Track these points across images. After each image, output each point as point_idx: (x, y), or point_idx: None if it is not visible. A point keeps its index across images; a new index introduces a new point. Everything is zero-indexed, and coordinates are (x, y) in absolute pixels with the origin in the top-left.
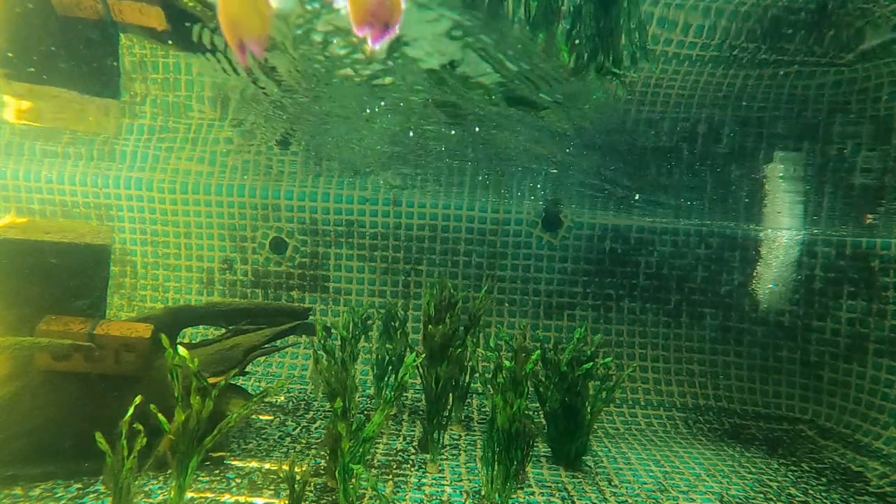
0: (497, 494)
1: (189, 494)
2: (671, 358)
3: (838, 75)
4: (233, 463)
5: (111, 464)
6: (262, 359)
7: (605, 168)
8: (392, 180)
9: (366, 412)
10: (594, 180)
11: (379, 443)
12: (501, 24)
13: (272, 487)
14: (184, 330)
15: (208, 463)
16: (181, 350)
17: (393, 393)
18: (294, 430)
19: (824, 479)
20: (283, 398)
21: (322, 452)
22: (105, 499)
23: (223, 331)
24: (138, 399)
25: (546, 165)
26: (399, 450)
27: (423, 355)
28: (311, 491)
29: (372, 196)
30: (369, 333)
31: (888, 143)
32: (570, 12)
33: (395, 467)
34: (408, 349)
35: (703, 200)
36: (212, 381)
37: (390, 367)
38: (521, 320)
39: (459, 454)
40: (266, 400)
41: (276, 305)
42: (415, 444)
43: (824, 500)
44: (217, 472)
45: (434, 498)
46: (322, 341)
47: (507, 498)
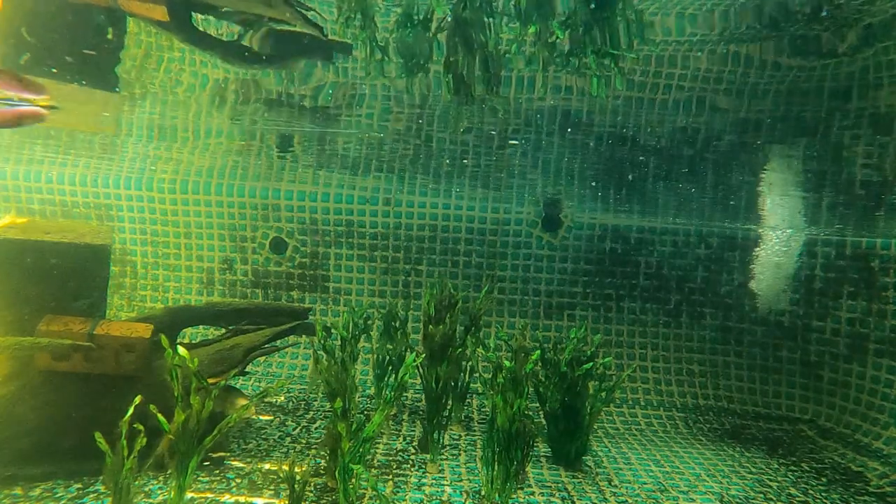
0: (497, 494)
1: (189, 494)
2: (671, 358)
3: (837, 68)
4: (233, 463)
5: (111, 464)
6: (262, 359)
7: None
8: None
9: (366, 412)
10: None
11: (379, 443)
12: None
13: (272, 487)
14: (184, 330)
15: (208, 463)
16: (181, 350)
17: (393, 393)
18: (294, 430)
19: (824, 479)
20: (283, 398)
21: (322, 452)
22: (105, 499)
23: (223, 331)
24: (138, 399)
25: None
26: (399, 450)
27: (423, 355)
28: (311, 491)
29: (372, 196)
30: (369, 333)
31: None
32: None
33: (395, 467)
34: (408, 349)
35: (703, 198)
36: (212, 381)
37: (390, 367)
38: (521, 320)
39: (459, 454)
40: (266, 400)
41: (276, 305)
42: (415, 444)
43: (824, 500)
44: (217, 472)
45: (434, 498)
46: (322, 341)
47: (507, 498)
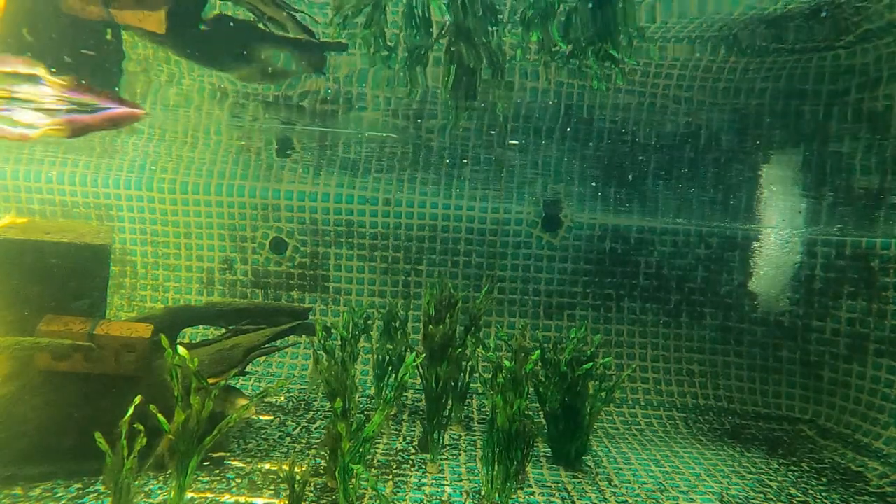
0: (497, 494)
1: (189, 494)
2: (671, 358)
3: (836, 60)
4: (233, 463)
5: (111, 464)
6: (262, 359)
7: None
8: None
9: (366, 412)
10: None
11: (379, 443)
12: None
13: (272, 487)
14: (184, 330)
15: (208, 463)
16: (181, 350)
17: (393, 393)
18: (294, 430)
19: (824, 479)
20: (283, 398)
21: (322, 452)
22: (105, 499)
23: (223, 331)
24: (138, 399)
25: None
26: (399, 450)
27: (423, 355)
28: (311, 491)
29: (372, 196)
30: (369, 333)
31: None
32: (566, 11)
33: (395, 467)
34: (408, 349)
35: (704, 198)
36: (212, 381)
37: (390, 367)
38: (521, 320)
39: (459, 454)
40: (266, 400)
41: (276, 305)
42: (415, 444)
43: (824, 500)
44: (217, 472)
45: (434, 498)
46: (322, 341)
47: (507, 498)
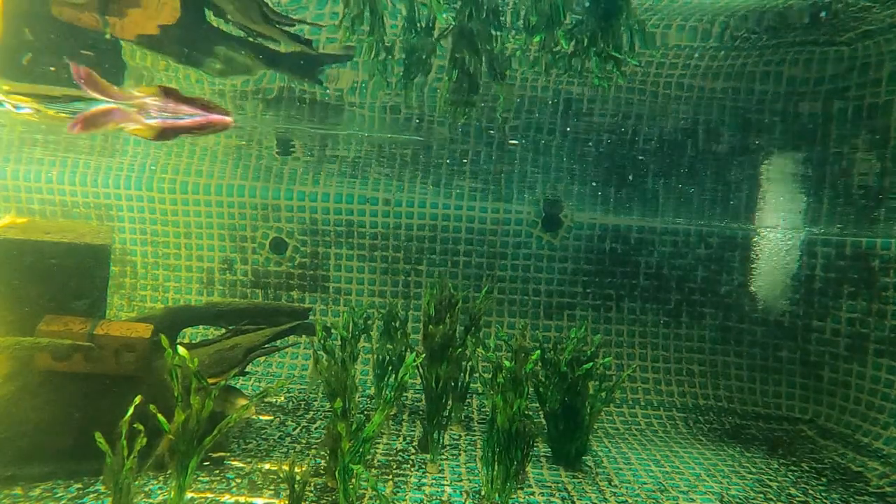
0: (497, 494)
1: (189, 494)
2: (671, 358)
3: (838, 55)
4: (233, 463)
5: (111, 464)
6: (262, 359)
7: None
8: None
9: (366, 412)
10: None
11: (379, 443)
12: None
13: (272, 487)
14: (184, 330)
15: (208, 463)
16: (181, 350)
17: (393, 393)
18: (294, 430)
19: (824, 479)
20: (283, 398)
21: (322, 452)
22: (105, 499)
23: (223, 331)
24: (138, 399)
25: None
26: (399, 450)
27: (423, 355)
28: (311, 491)
29: (372, 196)
30: (369, 333)
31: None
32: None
33: (395, 467)
34: (408, 349)
35: (703, 197)
36: (212, 381)
37: (390, 367)
38: (521, 320)
39: (459, 454)
40: (266, 400)
41: (276, 305)
42: (415, 444)
43: (824, 500)
44: (217, 472)
45: (434, 498)
46: (322, 341)
47: (507, 498)
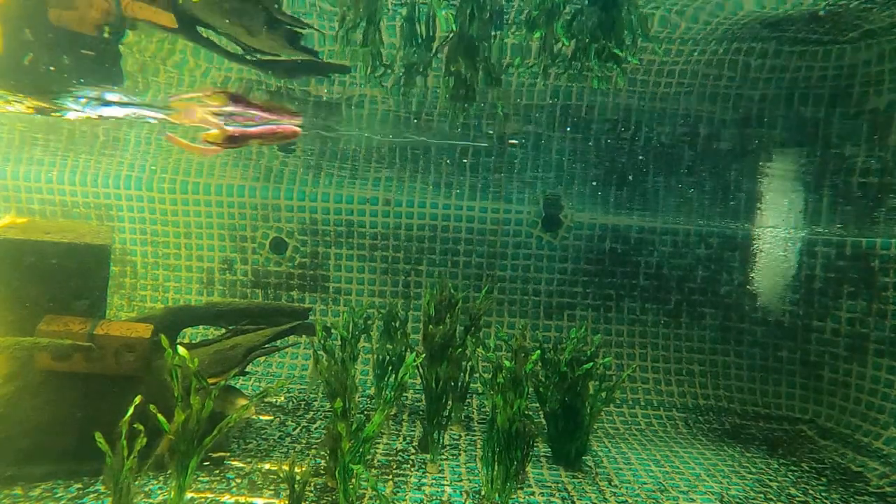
0: (497, 494)
1: (189, 494)
2: (671, 358)
3: (840, 57)
4: (233, 463)
5: (111, 464)
6: (262, 359)
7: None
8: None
9: (366, 412)
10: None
11: (379, 443)
12: None
13: (272, 487)
14: (184, 330)
15: (208, 463)
16: (181, 350)
17: (393, 393)
18: (294, 430)
19: (824, 479)
20: (283, 398)
21: (322, 452)
22: (105, 499)
23: (223, 331)
24: (138, 399)
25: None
26: (399, 450)
27: (423, 355)
28: (311, 491)
29: (372, 196)
30: (369, 333)
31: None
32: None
33: (395, 467)
34: (408, 349)
35: (704, 197)
36: (212, 381)
37: (390, 367)
38: (521, 320)
39: (459, 454)
40: (266, 400)
41: (276, 305)
42: (415, 444)
43: (824, 500)
44: (217, 472)
45: (434, 498)
46: (322, 341)
47: (507, 498)
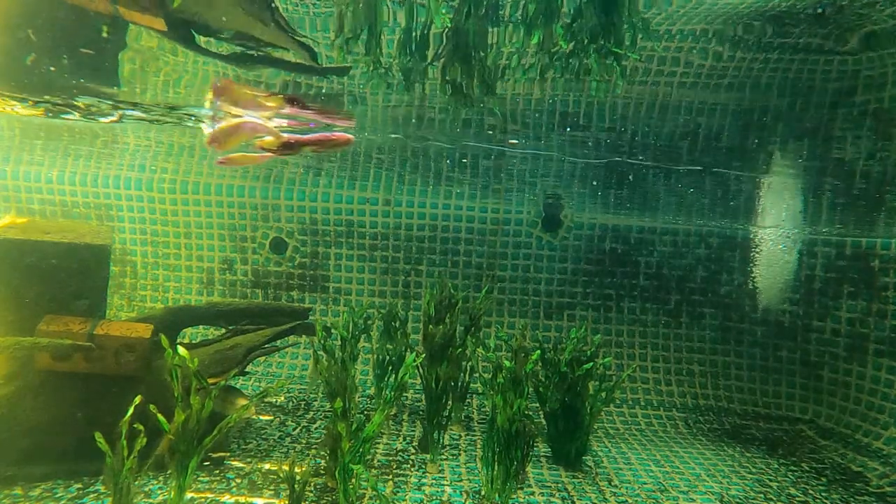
0: (497, 494)
1: (189, 494)
2: (671, 358)
3: (843, 65)
4: (233, 463)
5: (111, 464)
6: (262, 359)
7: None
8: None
9: (366, 412)
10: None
11: (379, 443)
12: None
13: (272, 487)
14: (184, 330)
15: (208, 463)
16: (181, 350)
17: (393, 393)
18: (294, 430)
19: (824, 479)
20: (283, 398)
21: (322, 452)
22: (105, 499)
23: (223, 331)
24: (138, 399)
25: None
26: (399, 450)
27: (423, 355)
28: (311, 491)
29: (372, 196)
30: (369, 333)
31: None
32: (570, 11)
33: (395, 467)
34: (408, 349)
35: (703, 198)
36: (212, 381)
37: (390, 367)
38: (521, 320)
39: (459, 454)
40: (266, 400)
41: (276, 305)
42: (415, 444)
43: (824, 500)
44: (217, 472)
45: (434, 498)
46: (322, 341)
47: (507, 498)
